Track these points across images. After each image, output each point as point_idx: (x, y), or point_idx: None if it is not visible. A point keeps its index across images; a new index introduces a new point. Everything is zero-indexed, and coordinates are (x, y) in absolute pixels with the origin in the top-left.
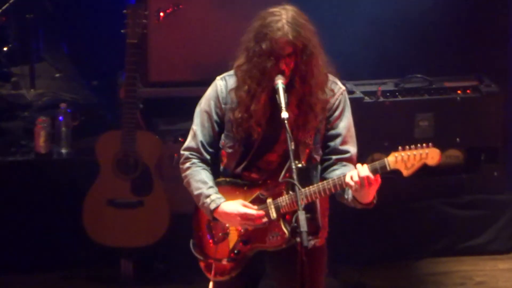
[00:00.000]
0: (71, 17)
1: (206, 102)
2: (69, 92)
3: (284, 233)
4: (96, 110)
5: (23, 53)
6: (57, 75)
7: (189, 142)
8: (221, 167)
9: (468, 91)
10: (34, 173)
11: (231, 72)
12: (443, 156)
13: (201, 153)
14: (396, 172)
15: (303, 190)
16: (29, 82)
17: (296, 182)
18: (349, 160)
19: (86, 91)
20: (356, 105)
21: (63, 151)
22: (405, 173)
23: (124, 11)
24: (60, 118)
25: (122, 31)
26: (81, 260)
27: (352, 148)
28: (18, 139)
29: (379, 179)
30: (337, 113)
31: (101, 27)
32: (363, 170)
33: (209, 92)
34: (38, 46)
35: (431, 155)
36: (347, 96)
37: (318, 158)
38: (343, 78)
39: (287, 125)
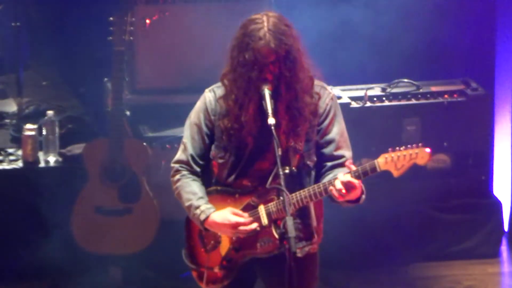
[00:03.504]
0: (57, 25)
1: (195, 115)
2: (56, 100)
3: (276, 239)
4: (83, 117)
5: (9, 62)
6: (44, 83)
7: (179, 155)
8: (213, 178)
9: (455, 95)
10: (21, 181)
11: (219, 84)
12: (431, 160)
13: (190, 166)
14: (387, 173)
15: (292, 195)
16: (16, 90)
17: (283, 187)
18: (344, 164)
19: (73, 99)
20: (343, 110)
21: (51, 159)
22: (395, 173)
23: (111, 18)
24: (47, 126)
25: (108, 38)
26: (70, 267)
27: (347, 153)
28: (5, 147)
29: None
30: (328, 119)
31: (87, 34)
32: (344, 177)
33: (198, 104)
34: (25, 55)
35: (420, 155)
36: (337, 101)
37: (311, 164)
38: (330, 83)
39: (273, 131)
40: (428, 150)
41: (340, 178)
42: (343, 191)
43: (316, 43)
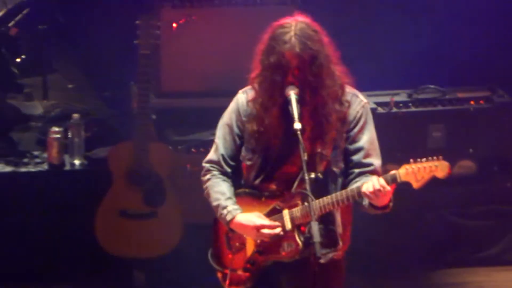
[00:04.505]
0: (83, 28)
1: (228, 116)
2: (81, 103)
3: (298, 244)
4: (108, 121)
5: (35, 65)
6: (70, 86)
7: (210, 155)
8: (242, 179)
9: (481, 101)
10: (47, 184)
11: None
12: (456, 166)
13: (221, 166)
14: (407, 184)
15: (316, 201)
16: (42, 93)
17: (309, 192)
18: (373, 172)
19: (99, 102)
20: None
21: (76, 162)
22: (415, 185)
23: (137, 21)
24: (73, 128)
25: (135, 42)
26: (94, 271)
27: (376, 161)
28: (31, 150)
29: (393, 187)
30: (358, 127)
31: (113, 37)
32: (379, 181)
33: (231, 105)
34: (51, 57)
35: (440, 168)
36: (369, 109)
37: (337, 170)
38: (356, 89)
39: (299, 136)
40: (448, 163)
41: (373, 181)
42: (373, 195)
43: (342, 48)
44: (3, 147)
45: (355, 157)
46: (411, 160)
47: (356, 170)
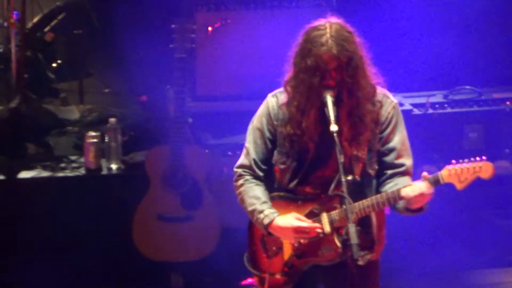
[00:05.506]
0: (118, 32)
1: (258, 120)
2: (118, 107)
3: (338, 247)
4: (145, 125)
5: (71, 69)
6: (106, 90)
7: (242, 159)
8: (275, 183)
9: None
10: (84, 188)
11: (282, 89)
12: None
13: (253, 170)
14: (450, 185)
15: (355, 204)
16: (78, 98)
17: (346, 195)
18: (405, 173)
19: (135, 106)
20: (405, 117)
21: (113, 166)
22: (459, 186)
23: (172, 25)
24: (110, 133)
25: (170, 45)
26: (131, 274)
27: (407, 161)
28: (68, 154)
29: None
30: (389, 128)
31: (149, 41)
32: (420, 186)
33: (261, 109)
34: (86, 62)
35: (484, 169)
36: (399, 109)
37: (373, 172)
38: (392, 90)
39: (336, 138)
40: (492, 164)
41: (414, 186)
42: (413, 200)
43: (376, 48)
44: (40, 152)
45: (387, 158)
46: (453, 161)
47: (389, 172)
